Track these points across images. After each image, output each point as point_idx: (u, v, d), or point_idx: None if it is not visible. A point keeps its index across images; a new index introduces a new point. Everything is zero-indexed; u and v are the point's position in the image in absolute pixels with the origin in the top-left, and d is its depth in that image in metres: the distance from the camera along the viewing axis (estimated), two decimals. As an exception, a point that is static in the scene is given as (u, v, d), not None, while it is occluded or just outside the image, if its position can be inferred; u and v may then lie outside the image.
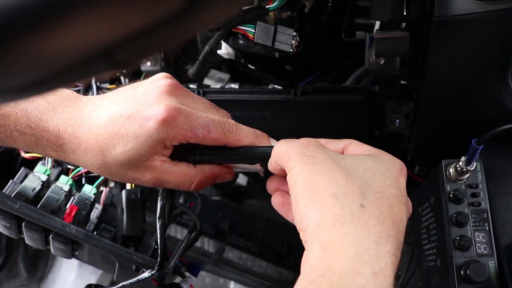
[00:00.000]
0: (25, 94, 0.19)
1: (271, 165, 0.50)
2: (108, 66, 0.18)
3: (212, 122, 0.51)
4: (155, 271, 0.58)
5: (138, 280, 0.58)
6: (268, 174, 0.54)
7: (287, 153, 0.45)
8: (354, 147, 0.49)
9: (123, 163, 0.50)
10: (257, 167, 0.55)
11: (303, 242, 0.41)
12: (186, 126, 0.49)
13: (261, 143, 0.54)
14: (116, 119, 0.50)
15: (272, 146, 0.53)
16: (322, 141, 0.50)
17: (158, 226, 0.58)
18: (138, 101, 0.50)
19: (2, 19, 0.15)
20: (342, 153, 0.50)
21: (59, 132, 0.51)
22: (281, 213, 0.51)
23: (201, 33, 0.82)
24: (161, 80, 0.52)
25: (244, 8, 0.58)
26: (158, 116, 0.48)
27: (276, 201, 0.52)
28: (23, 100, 0.49)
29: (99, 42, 0.17)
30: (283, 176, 0.49)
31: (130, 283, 0.59)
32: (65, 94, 0.53)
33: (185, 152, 0.55)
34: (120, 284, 0.59)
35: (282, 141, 0.48)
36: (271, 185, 0.53)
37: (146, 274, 0.58)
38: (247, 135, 0.53)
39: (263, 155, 0.52)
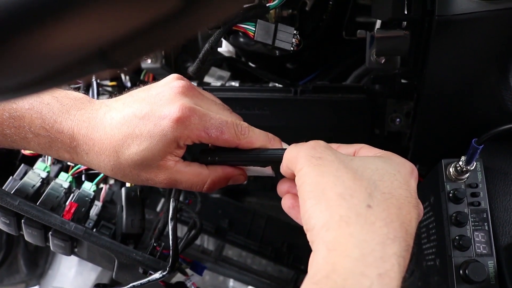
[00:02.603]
0: (22, 93, 0.19)
1: (283, 169, 0.50)
2: (104, 65, 0.18)
3: (225, 124, 0.51)
4: (166, 272, 0.58)
5: (149, 281, 0.58)
6: (279, 177, 0.54)
7: (296, 156, 0.45)
8: (365, 151, 0.49)
9: (137, 163, 0.50)
10: (268, 170, 0.54)
11: (310, 243, 0.41)
12: (200, 126, 0.50)
13: (273, 146, 0.54)
14: (130, 119, 0.50)
15: (284, 149, 0.53)
16: (334, 146, 0.50)
17: (170, 227, 0.58)
18: (152, 102, 0.51)
19: None
20: None
21: (73, 134, 0.51)
22: (291, 216, 0.51)
23: (201, 32, 0.82)
24: (174, 82, 0.53)
25: (244, 6, 0.58)
26: (172, 115, 0.49)
27: (286, 204, 0.51)
28: (21, 99, 0.50)
29: (93, 42, 0.17)
30: (294, 179, 0.49)
31: (140, 283, 0.59)
32: (78, 98, 0.54)
33: (196, 154, 0.55)
34: (131, 285, 0.59)
35: (292, 145, 0.48)
36: (281, 187, 0.53)
37: (157, 275, 0.58)
38: (259, 138, 0.53)
39: (274, 158, 0.52)
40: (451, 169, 0.60)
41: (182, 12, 0.17)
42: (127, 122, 0.50)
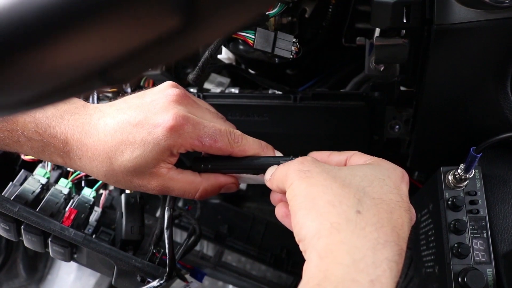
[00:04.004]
0: (21, 109, 0.19)
1: (273, 187, 0.50)
2: (104, 83, 0.18)
3: (219, 132, 0.52)
4: (163, 281, 0.58)
5: None
6: None
7: (285, 173, 0.46)
8: (356, 158, 0.50)
9: (130, 170, 0.51)
10: (261, 178, 0.55)
11: (303, 253, 0.42)
12: (193, 135, 0.50)
13: (266, 154, 0.54)
14: (124, 126, 0.50)
15: (277, 157, 0.53)
16: (325, 153, 0.51)
17: (166, 236, 0.58)
18: (146, 109, 0.51)
19: (2, 38, 0.15)
20: (345, 165, 0.50)
21: (66, 139, 0.51)
22: (285, 224, 0.51)
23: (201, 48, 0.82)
24: (169, 89, 0.53)
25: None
26: (166, 123, 0.49)
27: (280, 212, 0.52)
28: (19, 115, 0.50)
29: (94, 61, 0.17)
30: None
31: None
32: (72, 102, 0.54)
33: (189, 161, 0.55)
34: None
35: (281, 165, 0.49)
36: (275, 196, 0.53)
37: (154, 283, 0.58)
38: (252, 146, 0.54)
39: (267, 165, 0.52)
40: (449, 177, 0.60)
41: (183, 31, 0.17)
42: (120, 129, 0.50)
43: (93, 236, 0.64)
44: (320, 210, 0.40)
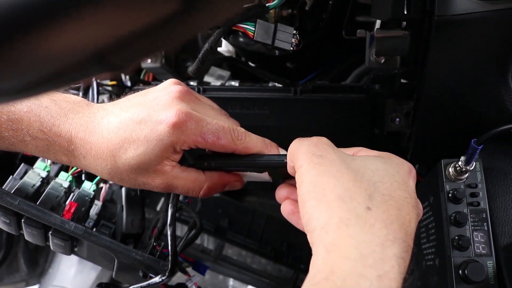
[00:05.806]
0: (20, 96, 0.19)
1: (290, 167, 0.49)
2: (102, 68, 0.18)
3: (222, 129, 0.51)
4: (165, 277, 0.58)
5: (149, 285, 0.59)
6: (276, 183, 0.54)
7: (297, 151, 0.45)
8: (363, 153, 0.49)
9: (134, 168, 0.51)
10: (265, 176, 0.54)
11: (310, 244, 0.41)
12: (196, 131, 0.50)
13: (270, 152, 0.54)
14: (127, 124, 0.50)
15: (280, 155, 0.53)
16: None
17: (169, 233, 0.59)
18: (149, 107, 0.51)
19: None
20: None
21: (71, 137, 0.51)
22: (291, 222, 0.51)
23: (201, 32, 0.82)
24: (172, 87, 0.53)
25: (244, 6, 0.58)
26: (169, 120, 0.49)
27: (286, 210, 0.51)
28: (18, 102, 0.50)
29: (91, 46, 0.17)
30: (292, 184, 0.48)
31: (141, 286, 0.59)
32: (77, 101, 0.54)
33: (193, 159, 0.55)
34: (131, 287, 0.60)
35: (296, 140, 0.48)
36: (280, 193, 0.53)
37: (156, 279, 0.58)
38: (256, 144, 0.53)
39: (271, 163, 0.52)
40: (450, 169, 0.60)
41: (181, 15, 0.17)
42: (124, 127, 0.50)
43: (94, 229, 0.64)
44: (329, 204, 0.40)
